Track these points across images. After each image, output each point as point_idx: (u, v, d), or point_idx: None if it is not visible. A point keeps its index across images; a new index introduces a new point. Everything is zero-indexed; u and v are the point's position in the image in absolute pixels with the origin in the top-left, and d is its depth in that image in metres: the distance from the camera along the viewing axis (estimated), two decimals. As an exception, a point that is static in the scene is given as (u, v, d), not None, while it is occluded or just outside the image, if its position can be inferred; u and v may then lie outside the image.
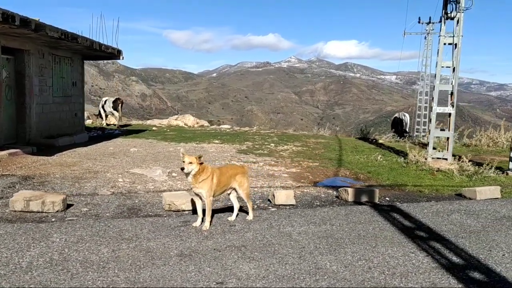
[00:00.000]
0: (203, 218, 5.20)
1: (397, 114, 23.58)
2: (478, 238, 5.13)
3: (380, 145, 15.65)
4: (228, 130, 20.79)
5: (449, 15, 11.07)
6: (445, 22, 11.24)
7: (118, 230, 4.99)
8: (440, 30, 11.46)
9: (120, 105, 19.99)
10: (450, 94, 11.18)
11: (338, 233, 5.16)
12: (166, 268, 3.97)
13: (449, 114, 11.26)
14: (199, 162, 5.02)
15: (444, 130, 11.62)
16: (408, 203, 6.97)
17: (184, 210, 6.00)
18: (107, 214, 5.84)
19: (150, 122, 24.51)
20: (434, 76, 11.86)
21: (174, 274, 3.84)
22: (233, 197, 5.63)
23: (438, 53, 11.38)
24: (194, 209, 5.68)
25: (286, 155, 12.04)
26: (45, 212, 5.76)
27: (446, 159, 11.12)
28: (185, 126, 21.86)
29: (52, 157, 10.14)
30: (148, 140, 14.56)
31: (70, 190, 7.12)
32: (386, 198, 7.40)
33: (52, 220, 5.46)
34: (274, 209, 6.38)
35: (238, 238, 4.84)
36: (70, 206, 6.13)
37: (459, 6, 10.85)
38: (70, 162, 9.67)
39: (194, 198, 5.24)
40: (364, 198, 6.98)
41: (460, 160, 10.45)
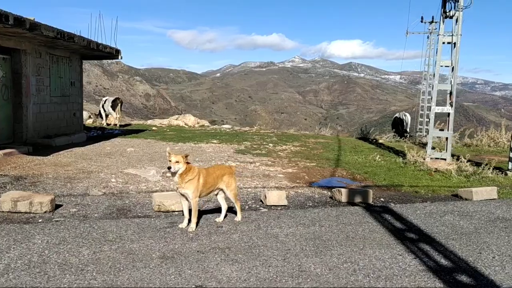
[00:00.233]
0: (190, 219, 5.13)
1: (397, 114, 23.41)
2: (469, 240, 5.02)
3: (380, 145, 15.54)
4: (227, 130, 20.73)
5: (447, 14, 10.93)
6: (444, 21, 11.11)
7: (102, 231, 4.92)
8: (439, 29, 11.34)
9: (119, 104, 19.95)
10: (449, 94, 11.05)
11: (326, 234, 5.07)
12: (146, 270, 3.89)
13: (448, 114, 11.13)
14: (186, 161, 4.95)
15: (443, 130, 11.50)
16: (402, 204, 6.86)
17: (174, 211, 5.93)
18: (95, 215, 5.77)
19: (150, 122, 24.48)
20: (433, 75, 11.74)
21: (153, 277, 3.76)
22: (220, 197, 5.55)
23: (437, 52, 11.26)
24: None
25: (284, 155, 11.95)
26: (32, 212, 5.70)
27: (444, 159, 10.99)
28: (185, 126, 21.81)
29: (47, 157, 10.09)
30: (146, 140, 14.52)
31: (61, 190, 7.07)
32: (381, 199, 7.29)
33: (39, 221, 5.40)
34: (265, 210, 6.28)
35: (224, 240, 4.76)
36: (59, 206, 6.07)
37: (458, 5, 10.72)
38: (65, 162, 9.62)
39: (180, 199, 5.17)
40: (357, 199, 6.88)
41: (458, 160, 10.32)
